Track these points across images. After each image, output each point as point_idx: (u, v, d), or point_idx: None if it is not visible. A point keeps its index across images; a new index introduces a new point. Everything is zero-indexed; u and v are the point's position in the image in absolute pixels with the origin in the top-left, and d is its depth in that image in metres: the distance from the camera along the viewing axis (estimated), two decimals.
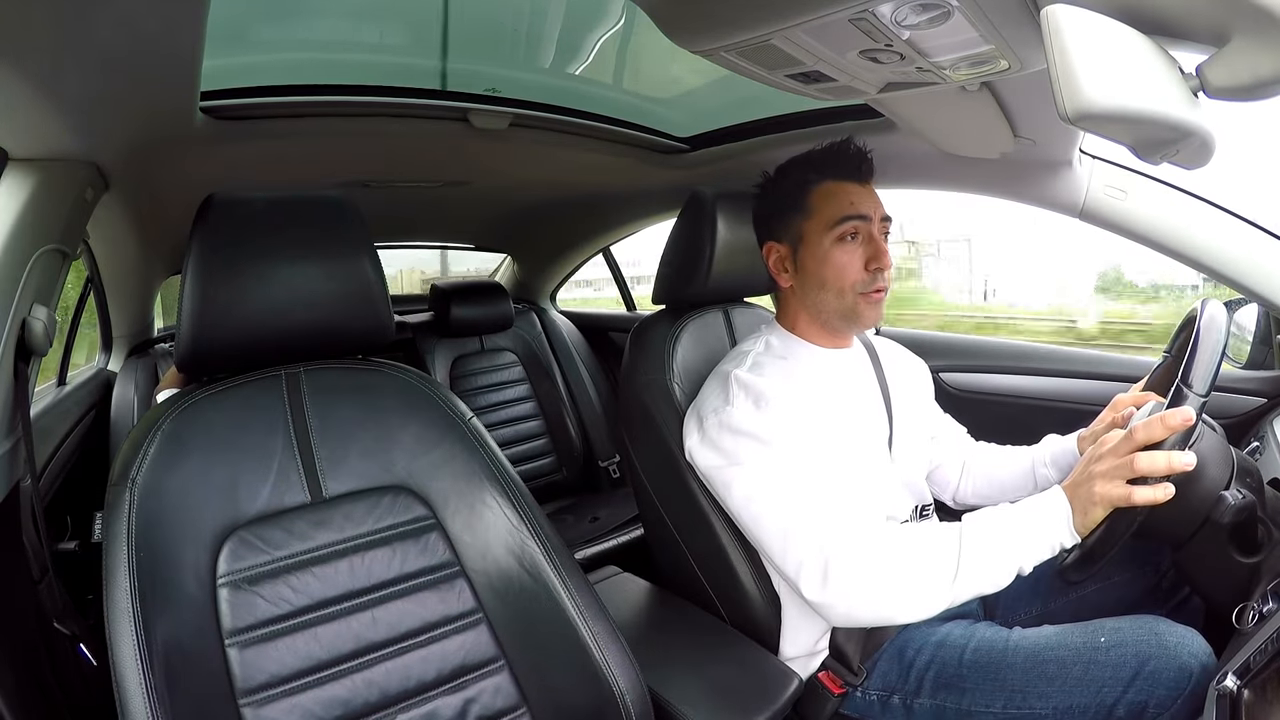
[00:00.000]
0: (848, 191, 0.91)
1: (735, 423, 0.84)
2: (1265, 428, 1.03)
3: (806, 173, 0.93)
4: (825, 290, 0.92)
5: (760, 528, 0.82)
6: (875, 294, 0.90)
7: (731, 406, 0.85)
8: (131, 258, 1.53)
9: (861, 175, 0.92)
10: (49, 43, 0.62)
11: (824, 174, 0.92)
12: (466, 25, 1.12)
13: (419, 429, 0.82)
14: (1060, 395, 1.37)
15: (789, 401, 0.85)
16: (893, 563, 0.76)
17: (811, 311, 0.95)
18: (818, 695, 0.87)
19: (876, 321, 0.94)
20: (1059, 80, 0.46)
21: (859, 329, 0.96)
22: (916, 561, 0.75)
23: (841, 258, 0.90)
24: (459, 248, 2.55)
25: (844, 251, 0.90)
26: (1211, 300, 0.79)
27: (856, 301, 0.90)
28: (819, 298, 0.93)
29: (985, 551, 0.74)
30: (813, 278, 0.92)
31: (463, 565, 0.79)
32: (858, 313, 0.91)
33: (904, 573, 0.75)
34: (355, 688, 0.71)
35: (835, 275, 0.90)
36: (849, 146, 0.92)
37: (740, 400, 0.85)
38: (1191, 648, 0.71)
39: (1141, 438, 0.70)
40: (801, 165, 0.94)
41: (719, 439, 0.86)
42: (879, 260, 0.89)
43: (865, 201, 0.90)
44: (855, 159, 0.92)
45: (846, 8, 0.58)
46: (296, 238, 0.77)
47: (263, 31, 1.05)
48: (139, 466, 0.69)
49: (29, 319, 0.78)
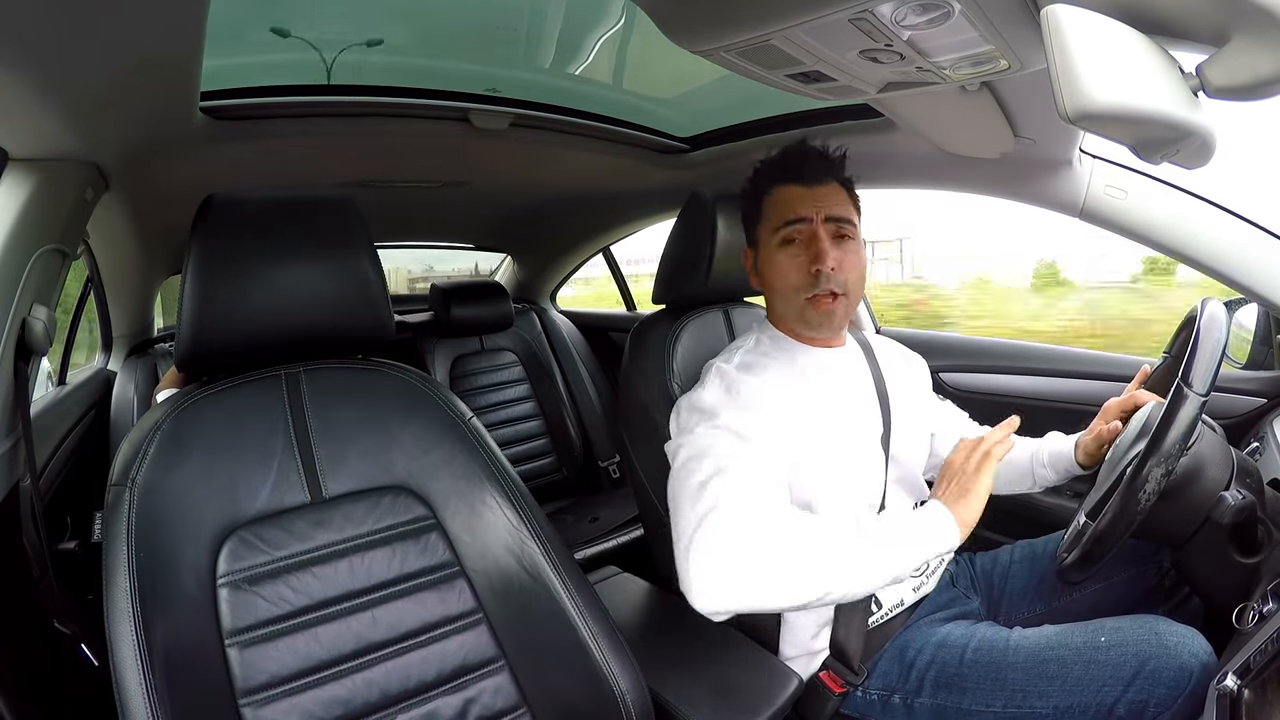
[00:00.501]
0: (790, 195, 0.91)
1: (698, 400, 0.84)
2: (1265, 428, 1.03)
3: (760, 179, 0.95)
4: (775, 294, 0.94)
5: (674, 495, 0.77)
6: (821, 300, 0.88)
7: (702, 389, 0.86)
8: (131, 258, 1.53)
9: (805, 177, 0.91)
10: (49, 43, 0.62)
11: (772, 179, 0.93)
12: (466, 25, 1.12)
13: (419, 429, 0.82)
14: (1060, 395, 1.37)
15: (759, 395, 0.83)
16: (767, 546, 0.70)
17: (775, 314, 0.97)
18: (818, 695, 0.87)
19: (833, 327, 0.91)
20: (1059, 80, 0.46)
21: (819, 333, 0.93)
22: (794, 550, 0.70)
23: (783, 262, 0.90)
24: (459, 248, 2.55)
25: (785, 255, 0.90)
26: (1211, 300, 0.79)
27: (804, 306, 0.90)
28: (772, 301, 0.96)
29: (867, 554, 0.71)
30: (766, 283, 0.95)
31: (463, 565, 0.79)
32: (805, 317, 0.91)
33: (775, 559, 0.69)
34: (355, 688, 0.71)
35: (779, 279, 0.91)
36: (798, 149, 0.93)
37: (712, 384, 0.86)
38: (1192, 647, 0.71)
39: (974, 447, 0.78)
40: (758, 172, 0.96)
41: (684, 417, 0.84)
42: (817, 261, 0.87)
43: (806, 203, 0.89)
44: (797, 160, 0.92)
45: (846, 8, 0.58)
46: (296, 238, 0.77)
47: (263, 31, 1.05)
48: (139, 466, 0.69)
49: (29, 319, 0.78)
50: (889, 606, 0.91)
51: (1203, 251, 1.01)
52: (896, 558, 0.72)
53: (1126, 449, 0.84)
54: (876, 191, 1.30)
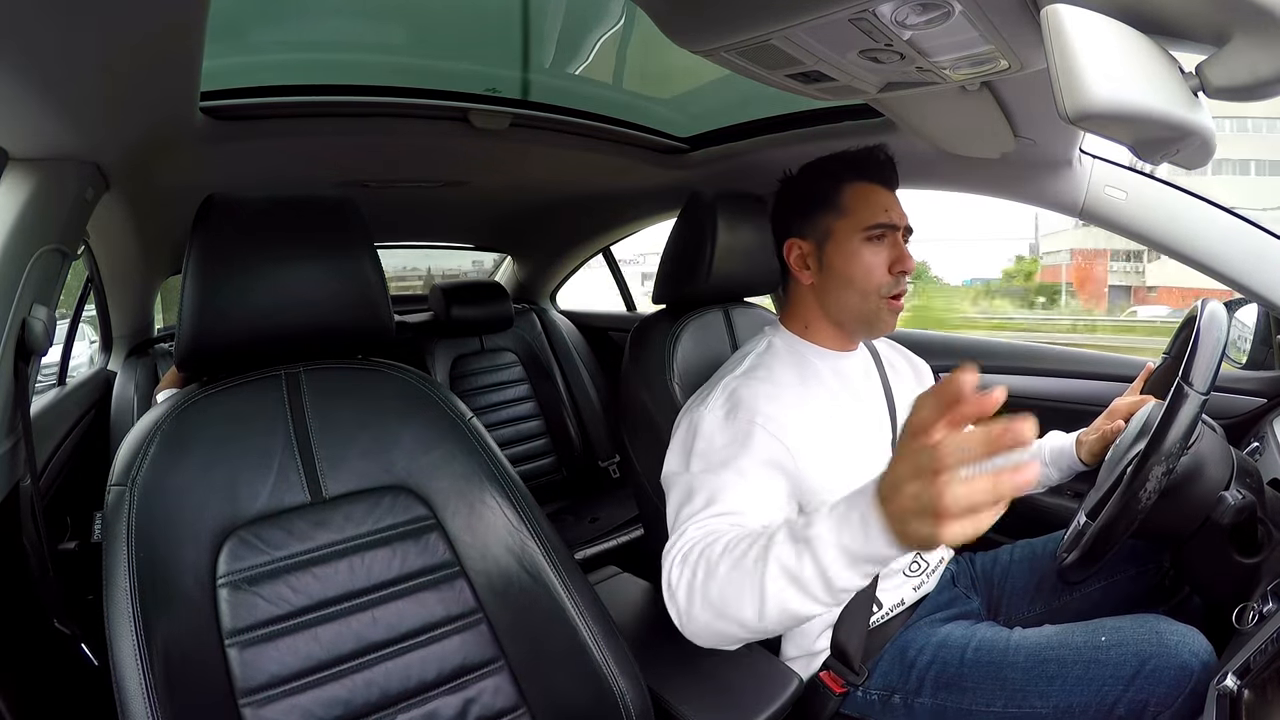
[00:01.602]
0: (881, 196, 0.91)
1: (697, 420, 0.84)
2: (1265, 428, 1.03)
3: (841, 170, 0.93)
4: (850, 289, 0.91)
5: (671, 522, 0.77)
6: (896, 300, 0.90)
7: (705, 407, 0.84)
8: (131, 258, 1.53)
9: (892, 183, 0.93)
10: (49, 43, 0.61)
11: (859, 174, 0.92)
12: (466, 25, 1.12)
13: (419, 429, 0.82)
14: (1060, 395, 1.36)
15: (761, 418, 0.81)
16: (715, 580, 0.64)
17: (831, 311, 0.94)
18: (819, 695, 0.87)
19: (890, 330, 0.93)
20: (1059, 80, 0.46)
21: (874, 335, 0.95)
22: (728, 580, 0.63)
23: (870, 258, 0.89)
24: (459, 247, 2.55)
25: (873, 252, 0.89)
26: (1211, 300, 0.79)
27: (880, 305, 0.90)
28: (842, 297, 0.92)
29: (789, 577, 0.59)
30: (839, 276, 0.91)
31: (463, 565, 0.79)
32: (879, 317, 0.91)
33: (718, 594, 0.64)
34: (355, 688, 0.71)
35: (863, 275, 0.89)
36: (882, 152, 0.93)
37: (716, 404, 0.84)
38: (1192, 647, 0.71)
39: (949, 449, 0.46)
40: (836, 163, 0.94)
41: (685, 437, 0.84)
42: (903, 264, 0.89)
43: (896, 210, 0.91)
44: (888, 166, 0.93)
45: (846, 8, 0.58)
46: (296, 238, 0.77)
47: (263, 31, 1.05)
48: (139, 467, 0.69)
49: (29, 319, 0.78)
50: (889, 606, 0.91)
51: (1203, 251, 1.01)
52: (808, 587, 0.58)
53: (1127, 448, 0.84)
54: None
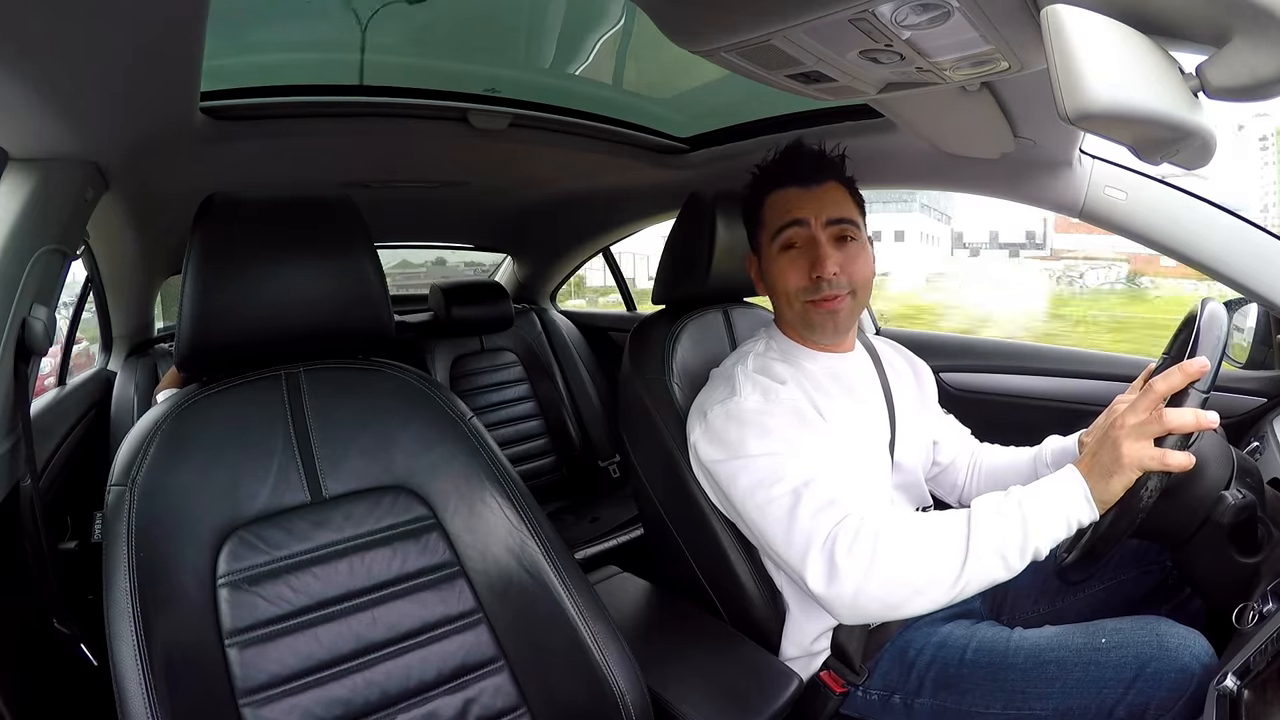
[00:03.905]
0: (788, 198, 0.90)
1: (742, 412, 0.83)
2: (1265, 428, 1.03)
3: (758, 185, 0.94)
4: (778, 299, 0.94)
5: (765, 518, 0.78)
6: (823, 302, 0.87)
7: (739, 396, 0.85)
8: (131, 258, 1.53)
9: (802, 178, 0.90)
10: (49, 43, 0.62)
11: (771, 183, 0.93)
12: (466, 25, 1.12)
13: (419, 429, 0.82)
14: (1060, 395, 1.36)
15: (793, 395, 0.85)
16: (899, 549, 0.71)
17: (781, 320, 0.96)
18: (819, 695, 0.87)
19: (837, 328, 0.90)
20: (1059, 80, 0.46)
21: (826, 338, 0.92)
22: (924, 547, 0.70)
23: (784, 266, 0.90)
24: (459, 247, 2.55)
25: (786, 259, 0.90)
26: (1211, 300, 0.79)
27: (805, 309, 0.89)
28: (778, 305, 0.95)
29: (996, 534, 0.68)
30: (770, 286, 0.94)
31: (463, 565, 0.79)
32: (809, 321, 0.90)
33: (912, 560, 0.70)
34: (355, 688, 0.71)
35: (780, 283, 0.91)
36: (794, 149, 0.92)
37: (747, 390, 0.85)
38: (1193, 649, 0.71)
39: (1163, 389, 0.66)
40: (756, 178, 0.95)
41: (724, 430, 0.84)
42: (818, 267, 0.86)
43: (804, 205, 0.89)
44: (793, 161, 0.91)
45: (846, 8, 0.58)
46: (296, 238, 0.77)
47: (263, 31, 1.05)
48: (139, 467, 0.69)
49: (29, 319, 0.78)
50: None
51: (1203, 251, 1.01)
52: (1027, 536, 0.68)
53: None
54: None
